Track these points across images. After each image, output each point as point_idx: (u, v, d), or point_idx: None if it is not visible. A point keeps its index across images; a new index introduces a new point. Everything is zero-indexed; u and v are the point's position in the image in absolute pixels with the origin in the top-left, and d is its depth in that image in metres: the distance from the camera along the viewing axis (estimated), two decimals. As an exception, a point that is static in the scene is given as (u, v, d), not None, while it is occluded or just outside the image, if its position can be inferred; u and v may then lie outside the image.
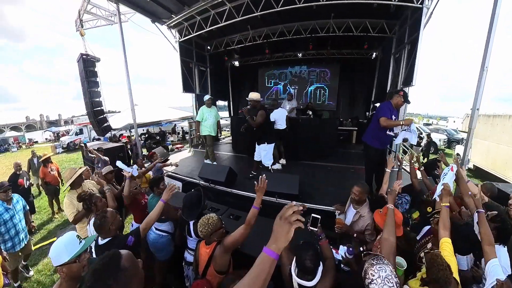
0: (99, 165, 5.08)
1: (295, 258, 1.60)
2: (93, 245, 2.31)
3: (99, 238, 2.00)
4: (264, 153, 4.61)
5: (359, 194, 2.44)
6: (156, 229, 2.78)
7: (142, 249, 2.41)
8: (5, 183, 3.24)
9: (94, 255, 1.97)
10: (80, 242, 1.54)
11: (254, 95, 4.40)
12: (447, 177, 2.19)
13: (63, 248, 1.47)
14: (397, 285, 1.23)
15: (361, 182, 2.64)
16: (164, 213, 2.57)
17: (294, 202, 0.95)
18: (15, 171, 5.15)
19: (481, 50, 3.52)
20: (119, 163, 3.41)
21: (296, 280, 1.54)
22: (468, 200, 2.13)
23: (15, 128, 48.77)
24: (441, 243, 1.65)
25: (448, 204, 1.83)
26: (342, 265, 2.06)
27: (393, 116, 3.38)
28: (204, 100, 5.63)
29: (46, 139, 27.36)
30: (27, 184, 5.05)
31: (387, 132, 3.45)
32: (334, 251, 2.03)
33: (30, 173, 6.35)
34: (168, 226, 2.84)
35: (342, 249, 2.08)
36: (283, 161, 5.67)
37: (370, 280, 1.26)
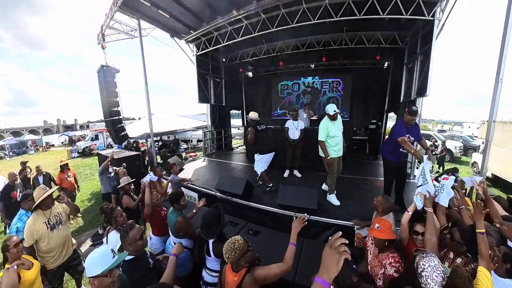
0: (111, 174, 5.18)
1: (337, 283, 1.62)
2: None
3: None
4: (256, 161, 4.81)
5: (379, 204, 2.57)
6: (175, 244, 2.72)
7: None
8: (29, 194, 3.14)
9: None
10: (114, 256, 1.60)
11: (250, 114, 4.78)
12: (445, 194, 2.28)
13: (98, 260, 1.54)
14: (443, 273, 1.49)
15: (386, 195, 2.70)
16: (181, 230, 2.64)
17: (340, 233, 0.99)
18: (9, 182, 4.69)
19: (497, 55, 3.56)
20: (151, 177, 3.54)
21: None
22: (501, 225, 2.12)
23: (33, 131, 50.69)
24: (478, 271, 1.66)
25: (483, 231, 1.77)
26: None
27: (407, 135, 3.51)
28: (327, 111, 4.10)
29: (62, 142, 28.23)
30: (20, 196, 4.82)
31: (400, 149, 3.62)
32: None
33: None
34: (188, 242, 2.77)
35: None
36: (296, 172, 5.86)
37: (422, 269, 1.52)
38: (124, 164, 5.13)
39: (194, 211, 3.17)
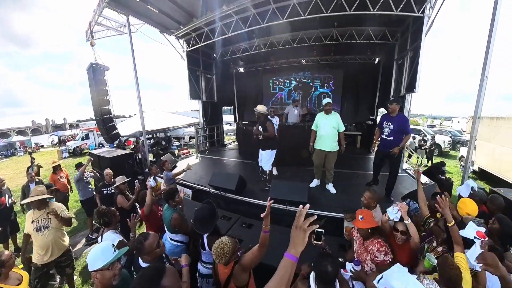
0: (88, 178, 5.21)
1: (315, 273, 1.73)
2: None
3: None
4: (266, 158, 4.79)
5: (368, 199, 2.63)
6: (171, 239, 2.79)
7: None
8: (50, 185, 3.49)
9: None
10: (115, 251, 1.67)
11: (260, 107, 4.64)
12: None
13: (99, 254, 1.60)
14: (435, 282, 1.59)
15: (373, 189, 2.79)
16: (177, 226, 2.68)
17: (300, 206, 1.09)
18: None
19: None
20: (151, 183, 3.54)
21: None
22: None
23: (21, 132, 49.42)
24: (455, 257, 1.77)
25: (453, 223, 1.92)
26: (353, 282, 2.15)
27: (385, 122, 4.08)
28: (322, 104, 4.48)
29: (52, 143, 27.71)
30: (9, 202, 4.49)
31: (382, 136, 4.13)
32: (342, 271, 2.15)
33: (25, 206, 5.02)
34: (183, 236, 2.83)
35: (349, 265, 2.21)
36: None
37: None
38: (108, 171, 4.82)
39: (180, 206, 3.16)
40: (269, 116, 5.48)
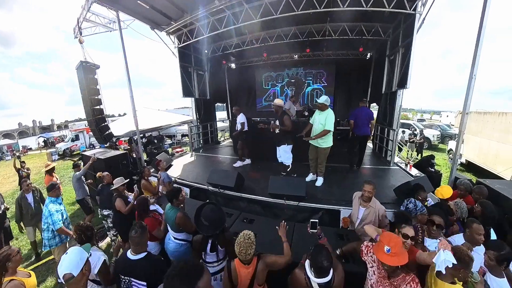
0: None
1: (310, 262, 1.73)
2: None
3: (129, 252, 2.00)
4: (284, 153, 5.01)
5: (372, 191, 2.68)
6: (175, 238, 2.74)
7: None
8: (55, 183, 3.62)
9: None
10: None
11: (277, 101, 4.96)
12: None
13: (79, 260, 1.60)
14: None
15: (370, 180, 2.84)
16: (181, 225, 2.64)
17: None
18: None
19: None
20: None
21: (315, 281, 1.68)
22: None
23: (7, 135, 47.90)
24: None
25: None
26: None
27: None
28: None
29: (39, 144, 26.95)
30: (2, 208, 4.30)
31: None
32: None
33: (22, 224, 4.59)
34: (187, 235, 2.76)
35: None
36: (247, 160, 6.35)
37: None
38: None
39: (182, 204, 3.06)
40: (237, 114, 5.98)
